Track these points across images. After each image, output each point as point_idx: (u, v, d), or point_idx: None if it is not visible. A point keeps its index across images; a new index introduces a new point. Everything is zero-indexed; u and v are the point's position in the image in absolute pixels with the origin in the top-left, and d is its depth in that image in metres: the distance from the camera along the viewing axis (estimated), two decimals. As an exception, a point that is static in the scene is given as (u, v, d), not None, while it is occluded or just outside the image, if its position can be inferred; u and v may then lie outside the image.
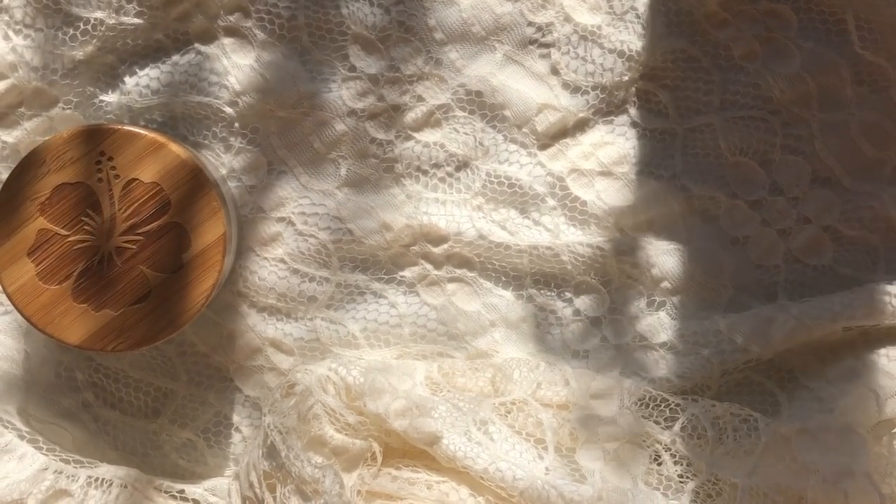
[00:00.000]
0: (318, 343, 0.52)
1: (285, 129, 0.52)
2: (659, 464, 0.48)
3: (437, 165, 0.52)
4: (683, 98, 0.51)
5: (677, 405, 0.49)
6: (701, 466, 0.47)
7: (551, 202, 0.52)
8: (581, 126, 0.51)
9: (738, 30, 0.50)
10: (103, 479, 0.49)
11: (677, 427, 0.48)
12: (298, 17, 0.51)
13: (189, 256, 0.47)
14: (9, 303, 0.47)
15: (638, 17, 0.51)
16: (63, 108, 0.52)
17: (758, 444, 0.47)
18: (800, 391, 0.51)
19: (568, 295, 0.52)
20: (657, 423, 0.49)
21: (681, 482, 0.47)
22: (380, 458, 0.48)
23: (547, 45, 0.51)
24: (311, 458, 0.46)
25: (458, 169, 0.52)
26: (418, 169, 0.52)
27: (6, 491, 0.48)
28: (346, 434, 0.48)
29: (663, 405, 0.49)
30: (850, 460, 0.45)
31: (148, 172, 0.46)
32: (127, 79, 0.52)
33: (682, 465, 0.47)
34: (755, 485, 0.46)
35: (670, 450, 0.48)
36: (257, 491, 0.47)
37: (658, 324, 0.52)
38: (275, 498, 0.46)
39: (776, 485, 0.46)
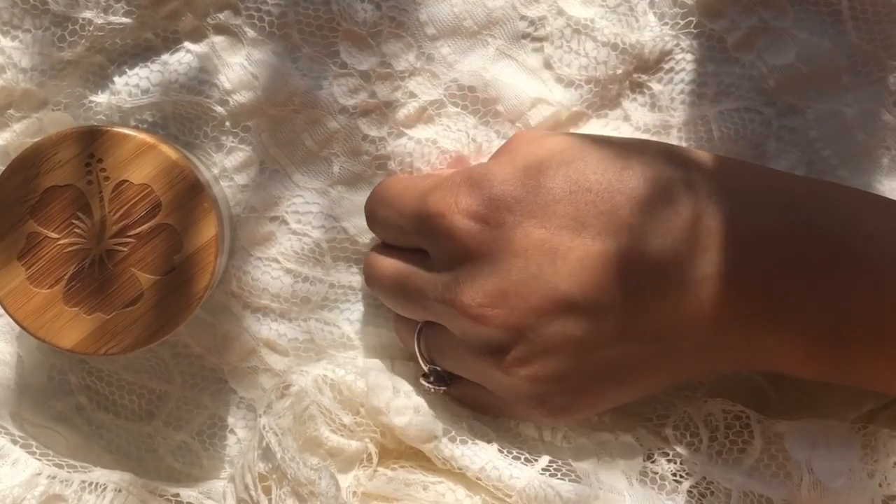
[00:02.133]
0: (313, 344, 0.52)
1: (277, 128, 0.51)
2: (653, 461, 0.47)
3: (429, 163, 0.51)
4: (677, 91, 0.51)
5: (668, 402, 0.49)
6: (694, 465, 0.47)
7: (546, 198, 0.51)
8: (575, 120, 0.51)
9: (732, 21, 0.50)
10: (97, 484, 0.48)
11: (669, 426, 0.48)
12: (288, 14, 0.50)
13: (181, 258, 0.46)
14: (0, 307, 0.47)
15: (631, 9, 0.50)
16: (53, 110, 0.51)
17: (750, 441, 0.47)
18: (789, 390, 0.50)
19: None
20: (649, 420, 0.49)
21: (675, 481, 0.47)
22: (376, 459, 0.48)
23: (540, 39, 0.51)
24: (307, 460, 0.46)
25: (450, 166, 0.51)
26: (411, 166, 0.51)
27: None
28: (341, 435, 0.47)
29: (654, 403, 0.49)
30: (844, 457, 0.45)
31: (138, 174, 0.46)
32: (116, 79, 0.51)
33: (675, 463, 0.47)
34: (749, 485, 0.46)
35: (662, 448, 0.47)
36: (252, 493, 0.46)
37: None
38: (270, 500, 0.46)
39: (769, 485, 0.45)
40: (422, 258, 0.47)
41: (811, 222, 0.44)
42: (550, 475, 0.46)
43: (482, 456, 0.46)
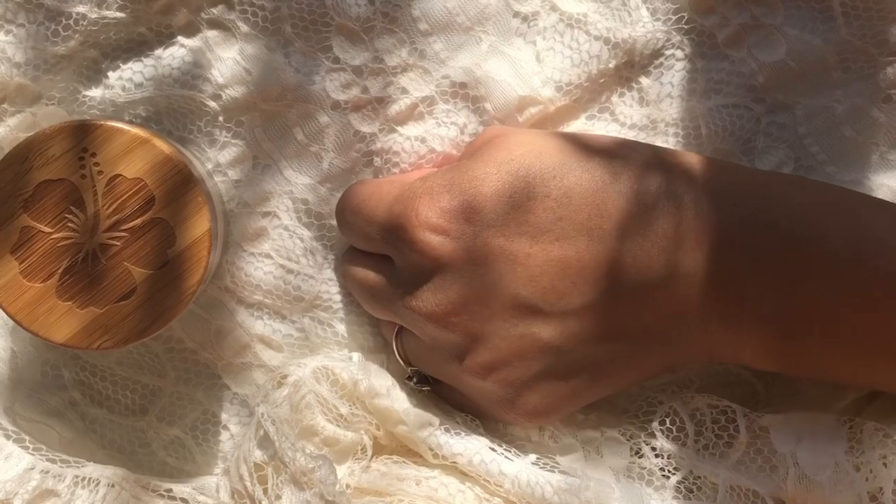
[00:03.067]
0: (308, 342, 0.52)
1: (269, 122, 0.51)
2: (640, 457, 0.48)
3: (418, 160, 0.51)
4: (666, 86, 0.51)
5: (655, 397, 0.49)
6: (682, 460, 0.47)
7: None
8: (563, 115, 0.51)
9: (723, 17, 0.50)
10: (90, 479, 0.48)
11: (656, 421, 0.48)
12: (282, 9, 0.50)
13: (174, 252, 0.46)
14: (-7, 301, 0.47)
15: (624, 3, 0.51)
16: (46, 104, 0.51)
17: (736, 436, 0.47)
18: (778, 385, 0.51)
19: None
20: (635, 416, 0.49)
21: (663, 476, 0.47)
22: (370, 452, 0.48)
23: (532, 35, 0.51)
24: (306, 448, 0.46)
25: (435, 165, 0.51)
26: (396, 165, 0.51)
27: (-7, 490, 0.48)
28: (337, 425, 0.48)
29: (640, 399, 0.49)
30: (829, 451, 0.45)
31: (132, 168, 0.46)
32: (110, 73, 0.51)
33: (662, 458, 0.47)
34: (736, 479, 0.46)
35: (650, 443, 0.48)
36: (247, 484, 0.46)
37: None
38: (265, 490, 0.46)
39: (756, 479, 0.46)
40: (388, 265, 0.48)
41: (765, 221, 0.44)
42: (540, 469, 0.46)
43: (475, 446, 0.46)
